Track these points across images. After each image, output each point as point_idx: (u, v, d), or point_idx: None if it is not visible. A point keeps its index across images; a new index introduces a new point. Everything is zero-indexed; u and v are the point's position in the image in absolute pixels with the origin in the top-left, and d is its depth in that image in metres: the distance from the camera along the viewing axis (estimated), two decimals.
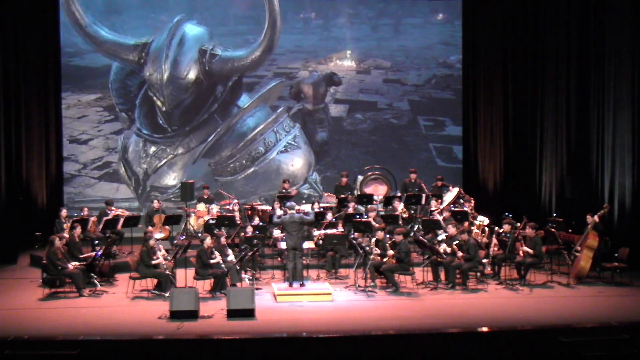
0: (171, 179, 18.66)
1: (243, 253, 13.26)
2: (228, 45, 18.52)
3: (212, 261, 12.90)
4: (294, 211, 13.22)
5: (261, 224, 14.99)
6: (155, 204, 16.33)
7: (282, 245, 13.86)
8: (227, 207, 16.31)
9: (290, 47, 18.97)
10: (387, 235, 13.74)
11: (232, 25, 18.82)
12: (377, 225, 14.50)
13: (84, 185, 18.31)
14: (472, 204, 15.94)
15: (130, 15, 18.42)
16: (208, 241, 13.07)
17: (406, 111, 19.23)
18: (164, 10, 18.44)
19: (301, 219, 13.17)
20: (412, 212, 16.22)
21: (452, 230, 13.74)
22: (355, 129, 19.22)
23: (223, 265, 12.92)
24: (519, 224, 14.06)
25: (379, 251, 13.45)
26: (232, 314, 11.52)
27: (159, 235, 15.17)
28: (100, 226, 15.32)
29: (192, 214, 16.54)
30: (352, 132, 19.22)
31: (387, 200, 16.20)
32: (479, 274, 13.74)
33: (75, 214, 15.91)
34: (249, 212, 16.04)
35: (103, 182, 18.48)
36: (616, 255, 13.80)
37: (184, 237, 15.95)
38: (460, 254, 13.35)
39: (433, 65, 19.28)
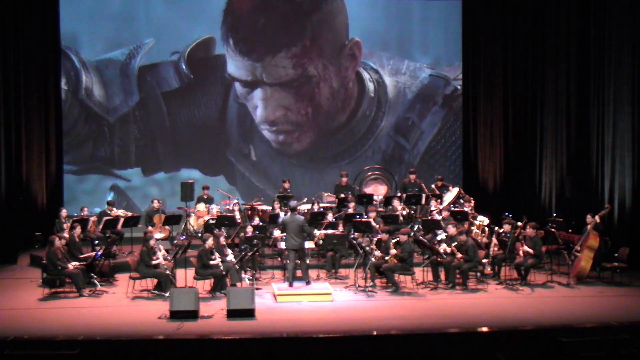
0: None
1: (243, 253, 13.27)
2: None
3: (211, 262, 12.90)
4: (295, 212, 13.23)
5: (261, 224, 15.00)
6: (155, 204, 16.33)
7: (282, 245, 13.87)
8: (227, 207, 16.33)
9: None
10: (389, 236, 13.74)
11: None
12: (377, 226, 14.50)
13: None
14: (472, 204, 15.94)
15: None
16: (210, 242, 13.07)
17: None
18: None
19: (301, 225, 13.17)
20: (412, 212, 16.23)
21: (452, 230, 13.74)
22: None
23: (222, 267, 12.91)
24: (519, 224, 14.06)
25: (379, 253, 13.43)
26: (232, 314, 11.51)
27: (159, 235, 15.17)
28: (100, 226, 15.32)
29: (192, 214, 16.54)
30: None
31: (387, 200, 16.21)
32: (479, 274, 13.74)
33: (75, 214, 15.90)
34: (249, 212, 16.04)
35: None
36: (616, 255, 13.80)
37: (184, 237, 15.95)
38: (459, 255, 13.35)
39: None
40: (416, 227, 15.22)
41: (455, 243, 13.47)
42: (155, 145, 18.60)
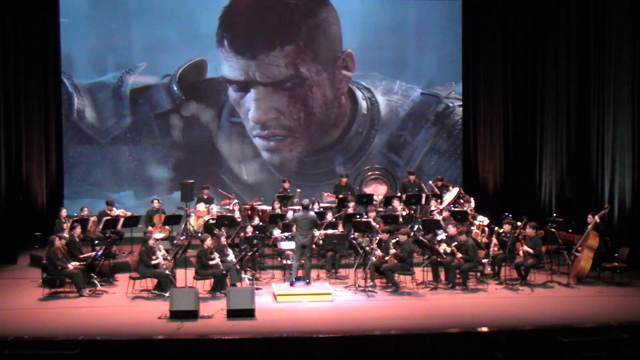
0: None
1: (243, 253, 13.27)
2: None
3: (211, 262, 12.90)
4: (307, 210, 13.31)
5: (261, 224, 15.00)
6: (156, 203, 16.33)
7: (282, 245, 13.86)
8: (227, 207, 16.33)
9: None
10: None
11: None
12: (377, 225, 14.50)
13: None
14: (472, 204, 15.94)
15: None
16: (208, 242, 13.07)
17: None
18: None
19: (313, 220, 13.21)
20: (412, 212, 16.23)
21: (452, 230, 13.74)
22: None
23: (221, 267, 12.91)
24: (519, 224, 14.06)
25: (380, 253, 13.43)
26: (232, 314, 11.52)
27: (159, 235, 15.17)
28: (100, 226, 15.32)
29: (192, 214, 16.54)
30: None
31: (387, 200, 16.21)
32: (479, 274, 13.74)
33: (75, 214, 15.90)
34: (249, 212, 16.04)
35: None
36: (616, 255, 13.80)
37: (184, 237, 15.95)
38: (459, 255, 13.35)
39: None
40: (416, 227, 15.23)
41: (455, 243, 13.47)
42: (148, 168, 18.65)
